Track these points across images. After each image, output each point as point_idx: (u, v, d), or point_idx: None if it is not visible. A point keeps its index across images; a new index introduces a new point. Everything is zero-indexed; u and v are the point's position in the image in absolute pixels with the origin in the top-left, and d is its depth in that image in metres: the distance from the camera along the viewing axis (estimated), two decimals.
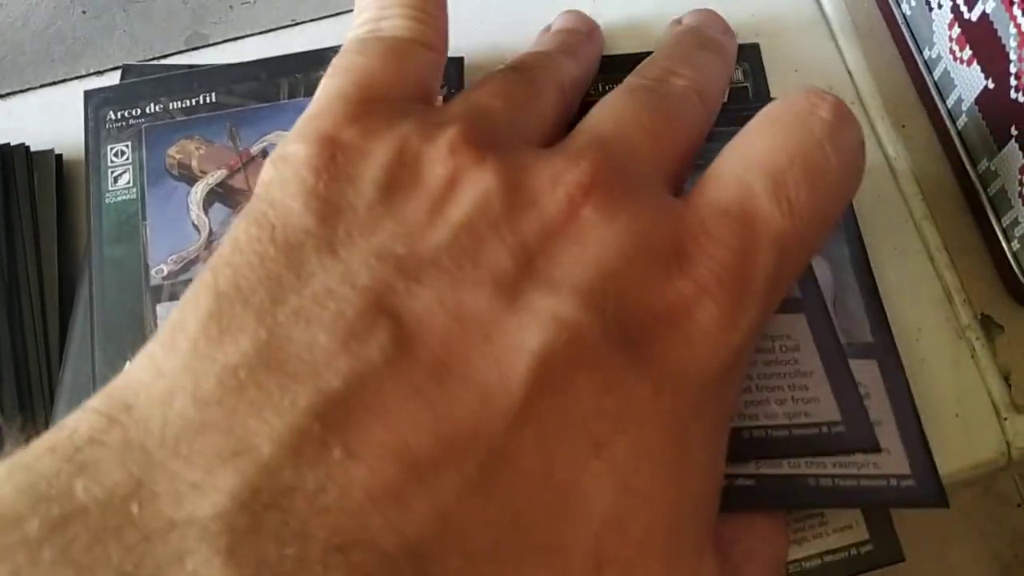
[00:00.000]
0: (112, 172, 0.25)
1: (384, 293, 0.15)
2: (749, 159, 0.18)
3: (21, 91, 0.29)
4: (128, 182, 0.25)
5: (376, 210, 0.16)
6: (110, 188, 0.25)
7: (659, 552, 0.15)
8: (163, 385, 0.14)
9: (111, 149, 0.25)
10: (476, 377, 0.14)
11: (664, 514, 0.15)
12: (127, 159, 0.25)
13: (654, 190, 0.18)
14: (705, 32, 0.24)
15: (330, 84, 0.19)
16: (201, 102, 0.26)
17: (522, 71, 0.21)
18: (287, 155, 0.17)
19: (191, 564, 0.12)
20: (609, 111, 0.20)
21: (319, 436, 0.13)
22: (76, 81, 0.29)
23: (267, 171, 0.17)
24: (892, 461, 0.22)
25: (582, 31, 0.25)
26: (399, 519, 0.13)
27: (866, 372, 0.23)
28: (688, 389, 0.15)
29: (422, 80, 0.20)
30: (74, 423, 0.13)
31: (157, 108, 0.26)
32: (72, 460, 0.13)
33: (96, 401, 0.14)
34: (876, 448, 0.22)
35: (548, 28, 0.26)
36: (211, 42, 0.29)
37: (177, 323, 0.15)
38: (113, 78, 0.28)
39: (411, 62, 0.19)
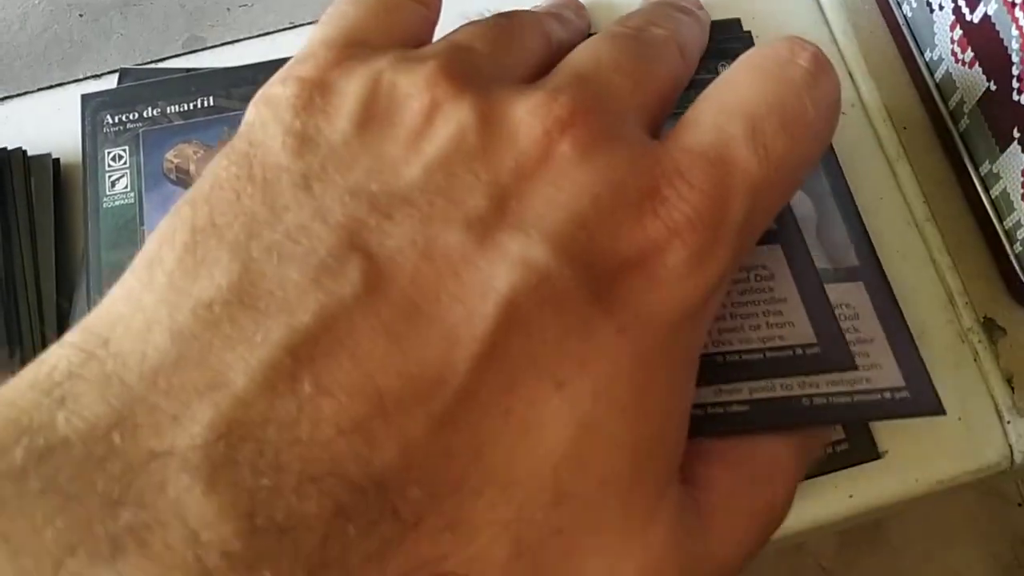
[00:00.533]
0: (110, 176, 0.25)
1: (356, 230, 0.15)
2: (728, 105, 0.18)
3: (18, 95, 0.29)
4: (126, 186, 0.25)
5: (352, 144, 0.16)
6: (108, 192, 0.25)
7: (618, 490, 0.15)
8: (141, 319, 0.14)
9: (108, 153, 0.25)
10: (444, 316, 0.14)
11: (624, 452, 0.15)
12: (125, 163, 0.25)
13: (632, 130, 0.18)
14: (680, 2, 0.24)
15: (318, 31, 0.19)
16: (199, 106, 0.26)
17: (506, 16, 0.21)
18: (268, 97, 0.17)
19: (173, 492, 0.12)
20: (589, 53, 0.20)
21: (291, 370, 0.13)
22: (73, 85, 0.29)
23: (250, 113, 0.17)
24: (885, 375, 0.22)
25: (570, 7, 0.25)
26: (366, 453, 0.13)
27: (854, 294, 0.23)
28: (654, 331, 0.16)
29: (412, 35, 0.20)
30: (53, 359, 0.14)
31: (155, 112, 0.26)
32: (51, 394, 0.13)
33: (74, 336, 0.14)
34: (852, 366, 0.22)
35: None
36: (208, 45, 0.29)
37: (154, 256, 0.15)
38: (110, 82, 0.28)
39: (402, 16, 0.20)
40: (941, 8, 0.25)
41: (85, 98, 0.26)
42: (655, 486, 0.16)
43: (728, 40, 0.26)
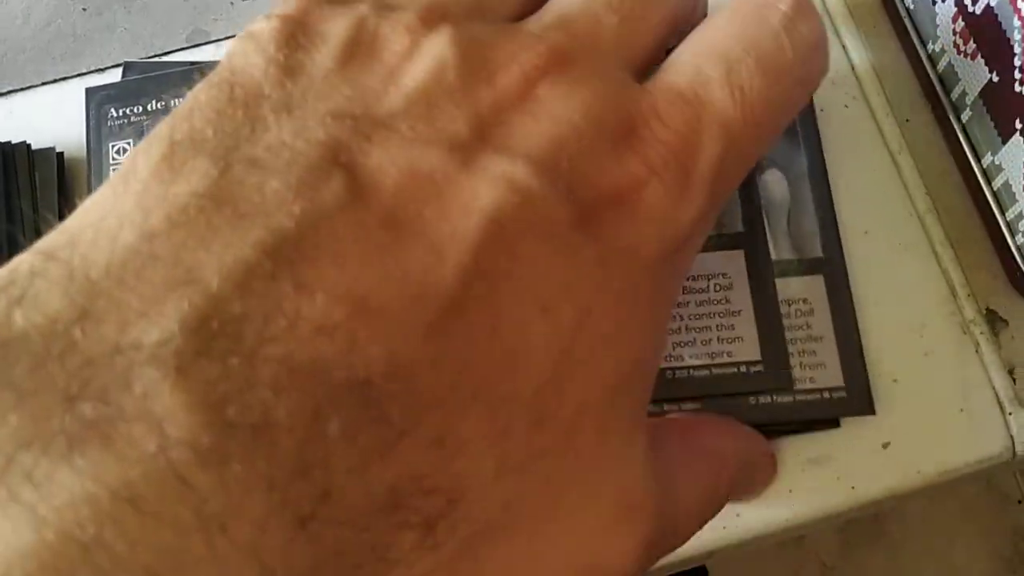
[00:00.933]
0: (114, 169, 0.25)
1: (338, 149, 0.15)
2: (705, 46, 0.18)
3: (22, 89, 0.29)
4: None
5: (333, 78, 0.16)
6: None
7: (595, 419, 0.15)
8: (112, 222, 0.14)
9: (113, 146, 0.25)
10: (428, 231, 0.14)
11: (600, 382, 0.15)
12: None
13: (613, 72, 0.18)
14: None
15: None
16: None
17: None
18: (251, 32, 0.17)
19: (139, 387, 0.12)
20: None
21: (269, 271, 0.13)
22: (77, 79, 0.29)
23: (233, 44, 0.17)
24: (828, 375, 0.24)
25: None
26: (349, 355, 0.13)
27: (812, 288, 0.24)
28: (632, 267, 0.16)
29: None
30: (15, 263, 0.13)
31: (159, 105, 0.26)
32: (7, 292, 0.13)
33: (39, 243, 0.14)
34: (790, 387, 0.23)
35: None
36: (212, 39, 0.29)
37: (129, 168, 0.15)
38: (114, 75, 0.28)
39: None
40: (943, 0, 0.25)
41: (89, 92, 0.26)
42: (629, 422, 0.16)
43: None
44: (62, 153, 0.27)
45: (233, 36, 0.29)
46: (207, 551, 0.11)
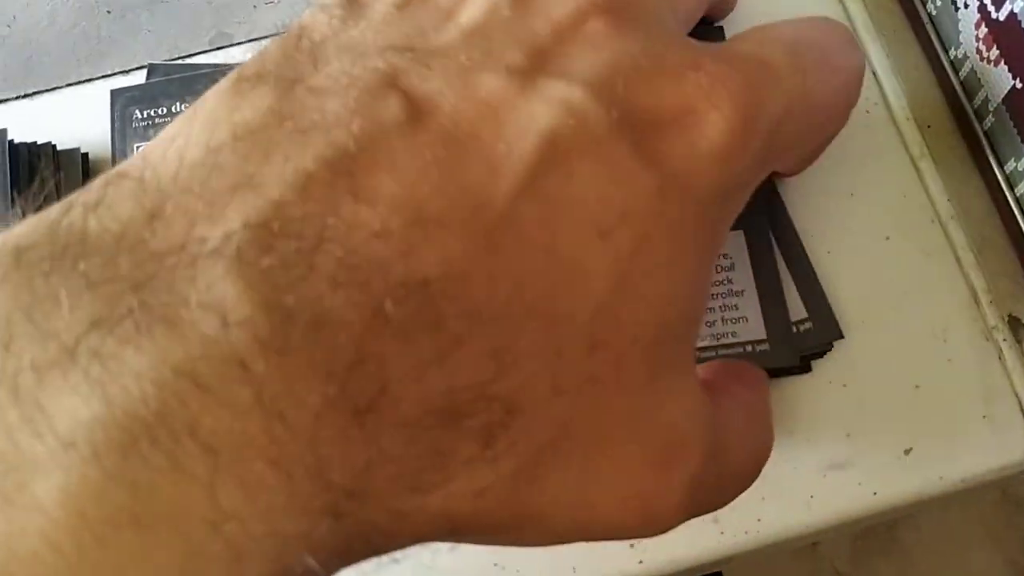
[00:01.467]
0: None
1: (395, 75, 0.15)
2: (775, 33, 0.19)
3: (47, 90, 0.29)
4: None
5: (391, 19, 0.17)
6: None
7: (645, 351, 0.15)
8: (180, 142, 0.14)
9: (138, 147, 0.26)
10: (484, 150, 0.14)
11: (656, 314, 0.15)
12: None
13: (668, 24, 0.18)
14: None
15: None
16: None
17: None
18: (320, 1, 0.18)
19: (203, 278, 0.12)
20: None
21: (328, 180, 0.13)
22: (102, 80, 0.29)
23: (304, 13, 0.18)
24: (750, 328, 0.24)
25: None
26: (406, 258, 0.13)
27: (732, 243, 0.24)
28: (688, 198, 0.16)
29: None
30: (90, 184, 0.14)
31: (183, 107, 0.26)
32: (83, 201, 0.13)
33: (110, 170, 0.15)
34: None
35: None
36: (235, 42, 0.30)
37: (199, 103, 0.15)
38: (138, 77, 0.28)
39: None
40: (966, 6, 0.25)
41: (114, 93, 0.26)
42: (680, 361, 0.16)
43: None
44: (87, 154, 0.27)
45: (256, 39, 0.29)
46: (265, 435, 0.12)
